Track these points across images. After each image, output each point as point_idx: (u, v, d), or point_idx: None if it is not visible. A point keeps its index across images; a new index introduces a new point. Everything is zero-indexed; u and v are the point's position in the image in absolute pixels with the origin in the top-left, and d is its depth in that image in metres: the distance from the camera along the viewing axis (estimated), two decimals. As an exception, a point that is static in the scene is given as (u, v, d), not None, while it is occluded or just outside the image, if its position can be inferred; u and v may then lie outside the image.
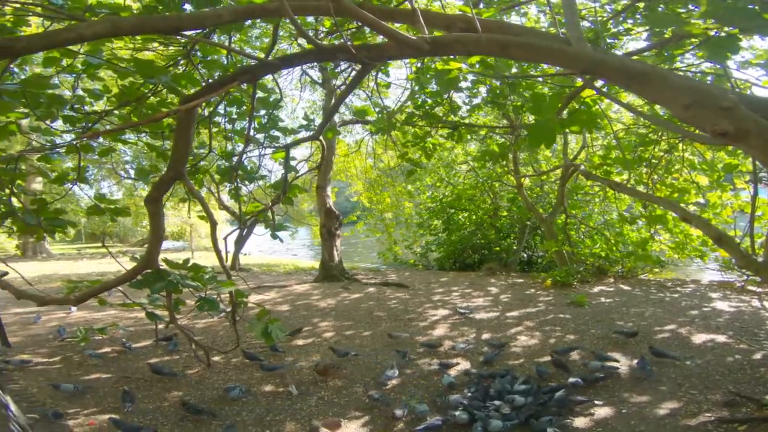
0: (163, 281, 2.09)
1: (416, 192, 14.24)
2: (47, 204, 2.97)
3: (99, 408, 3.90)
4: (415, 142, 4.87)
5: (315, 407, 3.92)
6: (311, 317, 6.98)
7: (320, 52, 2.11)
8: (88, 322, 6.78)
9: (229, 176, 3.02)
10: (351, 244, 20.44)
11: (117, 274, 11.30)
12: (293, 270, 14.99)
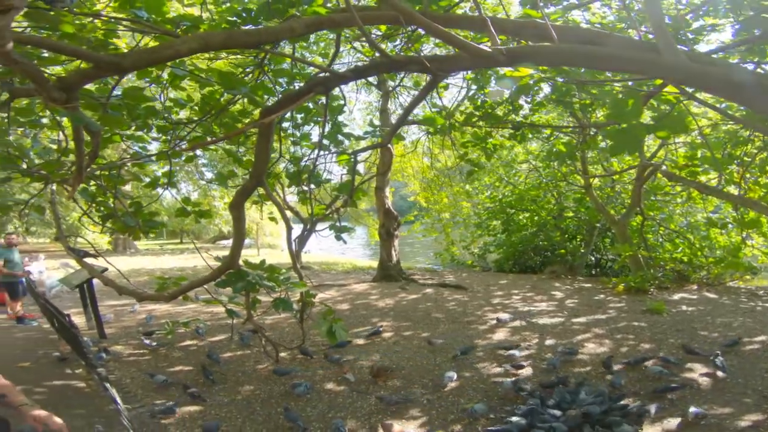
0: (244, 281, 2.27)
1: (474, 192, 13.94)
2: (142, 207, 3.37)
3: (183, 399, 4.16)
4: (475, 143, 4.77)
5: (374, 406, 3.99)
6: (370, 317, 7.09)
7: (392, 63, 2.14)
8: (171, 315, 7.37)
9: (297, 180, 3.18)
10: (407, 244, 20.50)
11: (194, 269, 12.31)
12: (351, 269, 15.35)
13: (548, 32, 1.80)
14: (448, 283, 10.05)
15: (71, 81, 1.62)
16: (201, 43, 1.74)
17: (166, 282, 3.56)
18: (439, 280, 10.82)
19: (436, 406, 3.96)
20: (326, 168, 3.02)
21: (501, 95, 4.39)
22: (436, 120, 2.78)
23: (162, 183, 3.86)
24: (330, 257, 19.22)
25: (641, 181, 8.58)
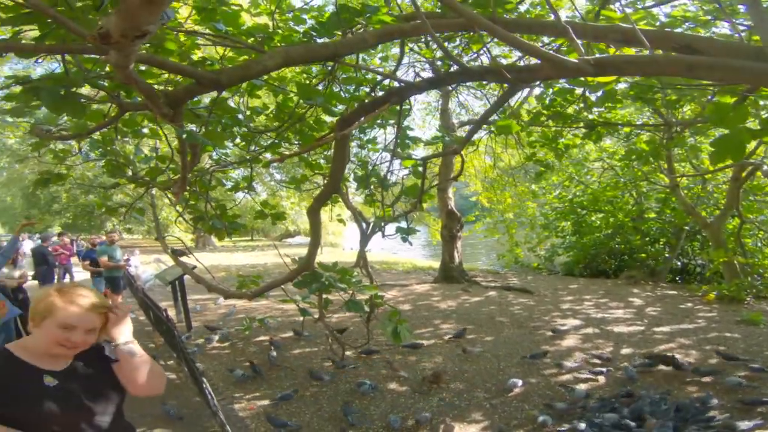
0: (318, 282, 2.40)
1: (541, 191, 13.32)
2: (227, 209, 3.70)
3: (259, 393, 4.42)
4: (543, 143, 4.55)
5: (436, 407, 3.99)
6: (432, 318, 7.08)
7: (467, 73, 2.14)
8: (248, 310, 7.88)
9: (365, 183, 3.29)
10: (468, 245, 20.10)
11: (264, 266, 13.03)
12: (411, 269, 15.38)
13: (637, 38, 1.66)
14: (512, 286, 9.74)
15: (176, 97, 1.84)
16: (285, 57, 1.87)
17: (245, 280, 3.84)
18: (502, 282, 10.51)
19: (498, 410, 3.90)
20: (391, 170, 3.08)
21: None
22: (512, 126, 2.70)
23: (242, 187, 4.18)
24: (390, 256, 19.43)
25: (739, 181, 7.69)
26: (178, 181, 2.48)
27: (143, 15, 1.05)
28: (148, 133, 3.99)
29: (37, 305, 1.46)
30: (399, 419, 3.62)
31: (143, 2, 1.00)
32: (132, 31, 1.08)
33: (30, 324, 1.48)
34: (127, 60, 1.31)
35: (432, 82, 2.22)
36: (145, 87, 1.61)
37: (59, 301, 1.41)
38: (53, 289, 1.49)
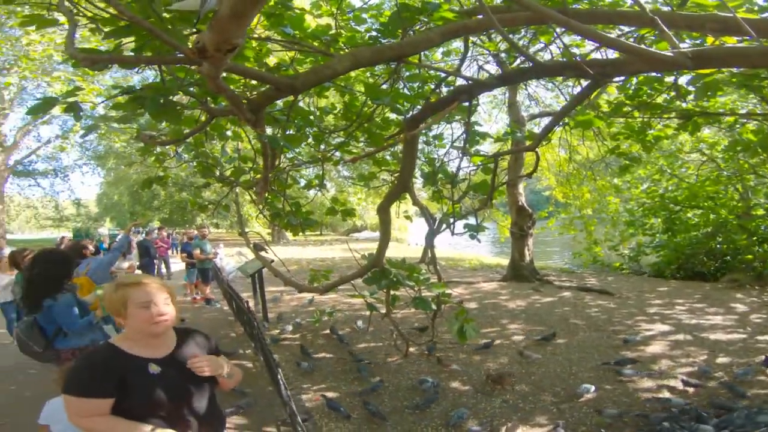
0: (387, 279, 2.45)
1: (625, 185, 12.21)
2: (301, 206, 3.92)
3: (326, 385, 4.58)
4: (629, 135, 4.16)
5: (498, 409, 3.88)
6: (499, 318, 6.87)
7: (542, 69, 2.03)
8: (317, 304, 8.22)
9: (432, 180, 3.28)
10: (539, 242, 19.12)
11: (332, 260, 13.50)
12: (478, 266, 15.01)
13: (741, 28, 1.44)
14: (590, 286, 9.11)
15: (257, 102, 2.00)
16: (353, 60, 1.94)
17: (317, 274, 4.02)
18: (578, 282, 9.88)
19: (566, 415, 3.71)
20: (460, 167, 3.03)
21: None
22: (592, 121, 2.50)
23: (314, 185, 4.39)
24: (456, 253, 19.13)
25: None
26: (260, 181, 2.68)
27: (232, 29, 1.15)
28: (231, 135, 4.36)
29: (112, 303, 1.60)
30: (466, 413, 3.59)
31: (232, 17, 1.10)
32: (224, 45, 1.20)
33: (118, 321, 1.63)
34: (218, 71, 1.45)
35: (503, 79, 2.14)
36: (232, 95, 1.76)
37: (128, 289, 1.59)
38: (115, 285, 1.66)
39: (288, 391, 3.03)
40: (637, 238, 12.62)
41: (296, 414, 2.63)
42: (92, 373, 1.54)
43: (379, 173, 5.09)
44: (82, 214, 30.32)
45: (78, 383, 1.53)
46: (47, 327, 3.22)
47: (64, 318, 3.16)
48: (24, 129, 22.61)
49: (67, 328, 3.20)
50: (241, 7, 1.12)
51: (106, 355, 1.59)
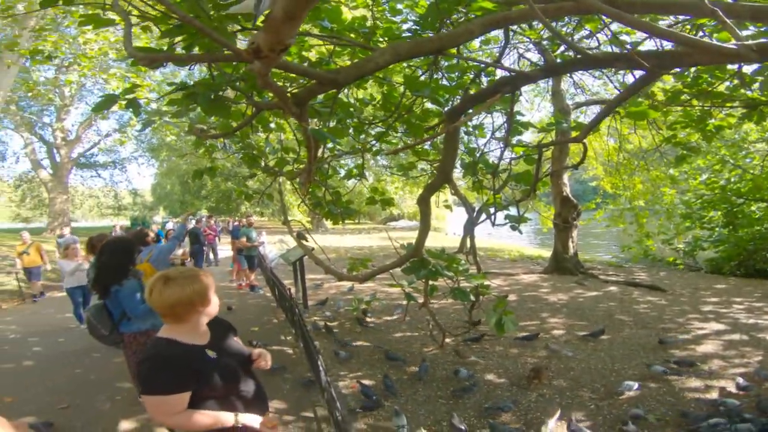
0: (426, 269, 2.46)
1: (682, 176, 11.41)
2: (341, 196, 4.02)
3: (362, 372, 4.63)
4: (687, 124, 3.87)
5: (534, 403, 3.83)
6: (539, 311, 6.70)
7: (591, 60, 1.94)
8: (354, 292, 8.38)
9: (472, 170, 3.25)
10: (583, 234, 18.36)
11: (369, 249, 13.61)
12: (518, 257, 14.67)
13: None
14: (639, 281, 8.68)
15: (301, 96, 2.07)
16: (393, 54, 1.95)
17: (355, 263, 4.09)
18: (626, 277, 9.43)
19: (604, 412, 3.61)
20: (501, 157, 2.96)
21: None
22: (647, 113, 2.35)
23: (353, 175, 4.46)
24: (495, 243, 18.76)
25: None
26: (304, 172, 2.76)
27: (285, 30, 1.20)
28: (275, 127, 4.51)
29: (191, 294, 1.59)
30: (510, 406, 3.59)
31: (285, 19, 1.15)
32: (277, 45, 1.25)
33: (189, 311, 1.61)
34: (268, 68, 1.51)
35: (548, 71, 2.05)
36: (278, 89, 1.84)
37: (205, 279, 1.65)
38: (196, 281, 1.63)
39: (327, 377, 3.12)
40: (693, 232, 11.82)
41: (335, 400, 2.70)
42: (172, 370, 1.55)
43: (417, 163, 5.09)
44: (138, 203, 32.40)
45: (162, 382, 1.54)
46: (114, 311, 3.43)
47: (128, 303, 3.36)
48: (85, 124, 24.32)
49: (130, 313, 3.39)
50: (293, 10, 1.16)
51: (175, 350, 1.61)
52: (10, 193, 29.93)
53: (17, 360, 5.32)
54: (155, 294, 1.60)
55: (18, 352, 5.61)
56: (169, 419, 1.56)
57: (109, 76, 9.03)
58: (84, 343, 5.81)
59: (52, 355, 5.50)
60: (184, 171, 27.97)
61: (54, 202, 22.38)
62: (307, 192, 3.50)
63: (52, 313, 7.77)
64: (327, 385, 2.88)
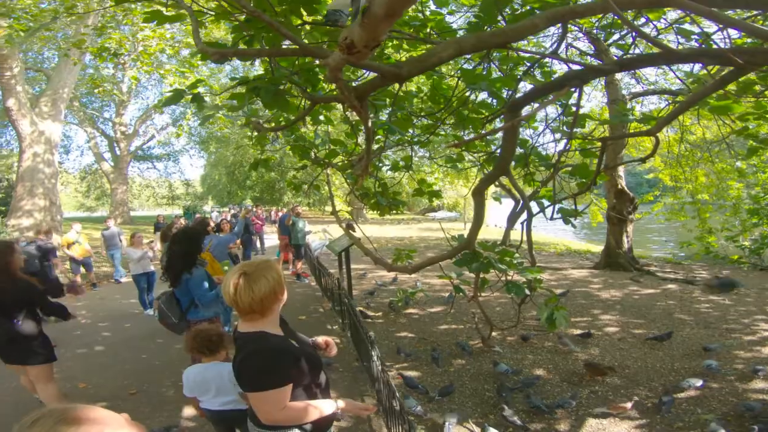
0: (478, 262, 2.42)
1: (750, 169, 10.48)
2: (388, 187, 4.06)
3: (407, 363, 4.65)
4: (759, 115, 3.53)
5: (585, 400, 3.77)
6: (590, 308, 6.48)
7: (675, 56, 1.80)
8: (397, 284, 8.48)
9: (524, 162, 3.17)
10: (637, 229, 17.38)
11: (410, 239, 13.56)
12: (564, 251, 14.17)
13: None
14: (701, 280, 8.15)
15: (363, 90, 2.09)
16: (456, 48, 1.92)
17: (401, 254, 4.10)
18: (686, 275, 8.88)
19: (662, 410, 3.49)
20: (564, 150, 2.84)
21: None
22: (732, 107, 2.15)
23: (400, 167, 4.46)
24: (539, 237, 18.17)
25: None
26: (362, 164, 2.80)
27: (383, 27, 1.21)
28: (324, 120, 4.58)
29: (274, 284, 1.57)
30: (572, 403, 3.55)
31: (385, 16, 1.15)
32: (372, 42, 1.26)
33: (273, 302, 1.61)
34: (342, 64, 1.54)
35: (623, 65, 1.91)
36: (343, 85, 1.86)
37: (276, 266, 1.65)
38: (274, 271, 1.62)
39: (381, 365, 3.16)
40: (760, 229, 10.89)
41: (396, 391, 2.70)
42: (280, 361, 1.52)
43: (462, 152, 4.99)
44: (190, 193, 34.27)
45: (276, 375, 1.50)
46: (182, 299, 3.59)
47: (197, 290, 3.51)
48: (142, 118, 25.86)
49: (198, 300, 3.54)
50: (396, 7, 1.16)
51: (274, 342, 1.58)
52: (76, 185, 32.52)
53: (89, 345, 5.67)
54: (244, 291, 1.52)
55: (89, 338, 5.96)
56: (281, 413, 1.51)
57: (166, 72, 9.48)
58: (148, 328, 6.23)
59: (120, 340, 5.87)
60: (231, 162, 29.26)
61: (115, 192, 24.16)
62: (361, 183, 3.55)
63: (118, 299, 8.34)
64: (381, 374, 2.92)
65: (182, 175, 32.52)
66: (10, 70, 11.60)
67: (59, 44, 11.78)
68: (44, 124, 12.81)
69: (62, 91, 13.49)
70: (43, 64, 19.30)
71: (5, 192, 17.33)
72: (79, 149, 32.49)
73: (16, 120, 12.14)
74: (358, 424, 3.44)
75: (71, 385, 4.30)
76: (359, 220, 26.61)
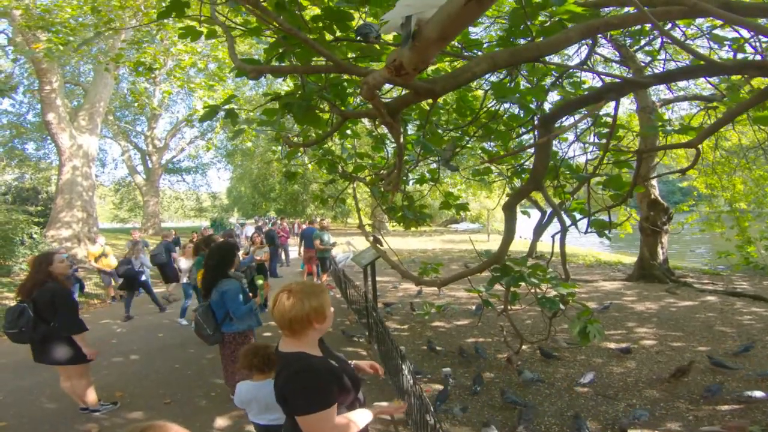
0: (509, 276, 2.38)
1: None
2: (414, 201, 4.06)
3: (432, 376, 4.65)
4: None
5: (622, 412, 3.68)
6: (624, 320, 6.28)
7: (717, 68, 1.75)
8: (422, 297, 8.42)
9: (554, 173, 3.12)
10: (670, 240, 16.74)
11: (432, 251, 13.38)
12: (594, 263, 13.79)
13: None
14: (741, 291, 7.78)
15: (395, 106, 2.12)
16: (490, 63, 1.92)
17: (426, 267, 4.06)
18: (726, 286, 8.50)
19: (705, 423, 3.42)
20: (600, 164, 2.78)
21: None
22: None
23: (426, 180, 4.46)
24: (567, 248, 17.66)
25: None
26: (393, 179, 2.82)
27: (434, 50, 1.22)
28: (351, 134, 4.65)
29: (309, 310, 1.56)
30: (645, 414, 3.49)
31: (438, 39, 1.17)
32: (422, 65, 1.28)
33: (305, 327, 1.60)
34: (382, 83, 1.57)
35: (662, 78, 1.87)
36: (378, 102, 1.90)
37: (323, 295, 1.63)
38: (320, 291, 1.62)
39: (412, 379, 3.15)
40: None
41: (427, 403, 2.68)
42: (324, 381, 1.52)
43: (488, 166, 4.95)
44: (216, 205, 35.20)
45: (323, 396, 1.50)
46: (217, 312, 3.66)
47: (232, 303, 3.58)
48: (172, 131, 26.78)
49: (233, 313, 3.61)
50: (449, 32, 1.17)
51: (314, 362, 1.58)
52: (111, 197, 33.93)
53: (125, 354, 5.82)
54: (278, 306, 1.57)
55: (125, 346, 6.13)
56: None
57: (196, 85, 9.76)
58: (181, 338, 6.38)
59: (154, 349, 6.01)
60: (256, 175, 30.00)
61: (147, 204, 24.95)
62: (392, 198, 3.57)
63: (152, 309, 8.58)
64: (418, 390, 2.89)
65: (209, 188, 33.49)
66: (49, 84, 11.67)
67: (96, 58, 11.89)
68: (82, 138, 13.07)
69: (99, 105, 13.79)
70: (79, 78, 19.95)
71: (44, 204, 18.27)
72: (113, 162, 33.89)
73: (56, 134, 12.25)
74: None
75: (108, 393, 4.44)
76: (381, 232, 26.56)
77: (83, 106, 13.91)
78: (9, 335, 3.61)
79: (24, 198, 18.67)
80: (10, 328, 3.56)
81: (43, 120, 12.79)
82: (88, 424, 3.89)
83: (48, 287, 3.60)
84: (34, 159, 23.15)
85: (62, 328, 3.64)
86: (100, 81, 13.95)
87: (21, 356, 5.46)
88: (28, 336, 3.59)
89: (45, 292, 3.59)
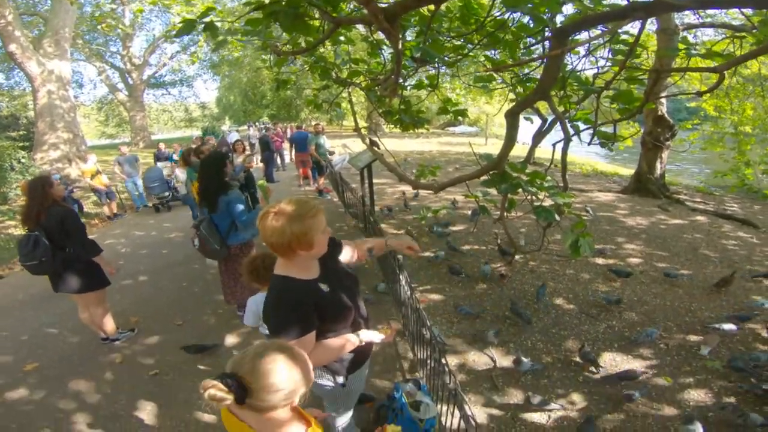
0: (507, 183, 2.31)
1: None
2: (411, 105, 3.91)
3: (430, 286, 4.73)
4: None
5: (602, 334, 3.81)
6: (614, 235, 6.35)
7: None
8: (418, 200, 8.44)
9: (561, 84, 2.92)
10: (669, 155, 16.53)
11: (429, 153, 13.19)
12: (591, 172, 13.75)
13: None
14: (731, 214, 7.87)
15: (393, 12, 1.88)
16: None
17: (424, 170, 3.98)
18: (717, 207, 8.58)
19: (672, 353, 3.52)
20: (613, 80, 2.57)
21: None
22: None
23: (425, 85, 4.21)
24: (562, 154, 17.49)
25: None
26: (390, 85, 2.66)
27: None
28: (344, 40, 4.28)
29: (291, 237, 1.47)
30: (655, 332, 3.67)
31: None
32: None
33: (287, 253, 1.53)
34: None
35: (702, 2, 1.53)
36: (375, 7, 1.68)
37: (314, 220, 1.54)
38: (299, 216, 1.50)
39: (409, 290, 3.25)
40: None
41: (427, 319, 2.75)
42: (299, 311, 1.50)
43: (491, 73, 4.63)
44: (207, 115, 34.40)
45: (295, 326, 1.49)
46: (221, 224, 3.59)
47: (236, 211, 3.51)
48: (150, 48, 25.38)
49: (238, 221, 3.55)
50: None
51: (292, 289, 1.54)
52: (96, 115, 33.28)
53: (133, 275, 5.83)
54: (262, 226, 1.51)
55: (132, 267, 6.14)
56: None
57: (171, 1, 8.84)
58: (184, 253, 6.50)
59: (160, 267, 6.07)
60: (245, 84, 28.80)
61: (134, 119, 24.74)
62: (390, 103, 3.37)
63: (152, 225, 8.62)
64: (414, 300, 3.01)
65: (197, 99, 32.62)
66: (3, 18, 11.61)
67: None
68: (52, 63, 13.02)
69: (63, 31, 13.56)
70: (36, 8, 18.99)
71: (26, 129, 17.98)
72: (92, 83, 32.95)
73: (22, 62, 12.27)
74: (384, 347, 3.65)
75: (123, 320, 4.47)
76: (377, 134, 25.98)
77: (46, 33, 13.60)
78: (28, 268, 3.37)
79: (4, 125, 18.28)
80: (28, 260, 3.33)
81: (6, 51, 12.72)
82: (111, 355, 3.91)
83: (55, 211, 3.39)
84: (6, 87, 22.92)
85: (83, 252, 3.50)
86: (60, 8, 13.54)
87: (37, 289, 5.60)
88: (50, 266, 3.40)
89: (53, 217, 3.37)
